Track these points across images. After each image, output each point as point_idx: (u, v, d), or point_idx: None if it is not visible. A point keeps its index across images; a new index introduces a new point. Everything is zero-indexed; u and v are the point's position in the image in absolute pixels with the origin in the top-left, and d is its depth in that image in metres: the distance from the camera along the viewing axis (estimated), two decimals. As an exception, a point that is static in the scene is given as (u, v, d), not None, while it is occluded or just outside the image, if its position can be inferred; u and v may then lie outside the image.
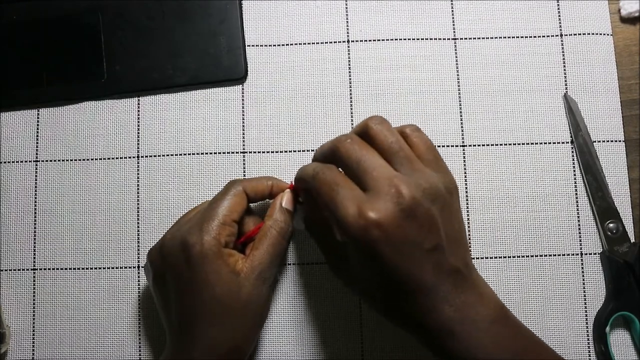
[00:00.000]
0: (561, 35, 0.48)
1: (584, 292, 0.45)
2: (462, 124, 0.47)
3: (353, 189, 0.34)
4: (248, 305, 0.38)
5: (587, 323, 0.44)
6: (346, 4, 0.48)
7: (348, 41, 0.48)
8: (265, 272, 0.39)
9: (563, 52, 0.47)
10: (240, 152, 0.47)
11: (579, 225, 0.45)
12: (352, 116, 0.47)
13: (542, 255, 0.45)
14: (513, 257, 0.45)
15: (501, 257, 0.45)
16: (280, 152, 0.46)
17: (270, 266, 0.39)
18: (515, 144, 0.46)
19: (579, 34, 0.48)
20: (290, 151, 0.46)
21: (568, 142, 0.46)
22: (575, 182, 0.46)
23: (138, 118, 0.47)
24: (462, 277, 0.35)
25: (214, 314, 0.37)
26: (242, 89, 0.47)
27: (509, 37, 0.48)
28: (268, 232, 0.40)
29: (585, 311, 0.44)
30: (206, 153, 0.47)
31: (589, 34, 0.47)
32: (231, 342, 0.38)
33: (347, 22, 0.48)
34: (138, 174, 0.46)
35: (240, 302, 0.38)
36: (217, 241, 0.38)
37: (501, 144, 0.46)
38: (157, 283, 0.40)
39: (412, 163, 0.35)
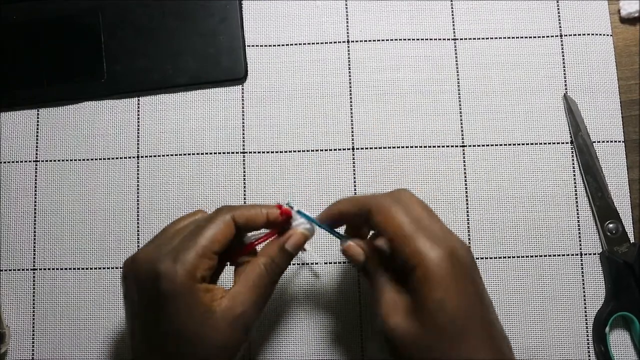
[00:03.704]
0: (561, 35, 0.48)
1: (584, 292, 0.45)
2: (462, 124, 0.47)
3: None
4: (224, 350, 0.34)
5: (587, 323, 0.44)
6: (346, 4, 0.48)
7: (348, 41, 0.48)
8: (247, 315, 0.35)
9: (563, 52, 0.47)
10: (240, 152, 0.47)
11: (578, 225, 0.45)
12: (352, 116, 0.47)
13: (541, 256, 0.45)
14: (513, 257, 0.45)
15: (501, 258, 0.45)
16: (280, 152, 0.46)
17: (254, 308, 0.35)
18: (515, 144, 0.46)
19: (578, 35, 0.48)
20: (290, 151, 0.46)
21: (568, 143, 0.46)
22: (575, 183, 0.46)
23: (138, 118, 0.47)
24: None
25: (180, 355, 0.34)
26: (242, 89, 0.47)
27: (509, 38, 0.48)
28: (257, 268, 0.36)
29: (585, 311, 0.44)
30: (206, 153, 0.47)
31: (588, 34, 0.47)
32: None
33: (347, 22, 0.48)
34: (138, 174, 0.46)
35: (214, 347, 0.34)
36: (191, 275, 0.33)
37: (501, 144, 0.46)
38: (126, 298, 0.37)
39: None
